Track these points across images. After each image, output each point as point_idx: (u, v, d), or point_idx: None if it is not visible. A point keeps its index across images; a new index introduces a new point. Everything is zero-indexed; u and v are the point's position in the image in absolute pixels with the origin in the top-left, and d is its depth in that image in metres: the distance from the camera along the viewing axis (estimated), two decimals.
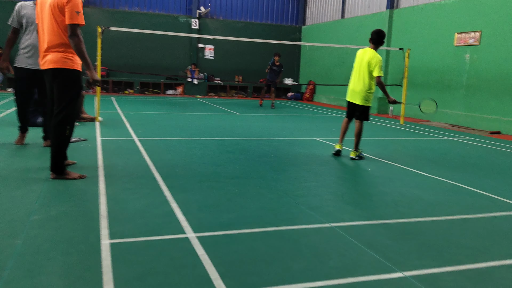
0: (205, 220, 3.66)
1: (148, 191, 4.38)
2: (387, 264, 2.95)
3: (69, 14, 4.43)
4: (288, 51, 21.49)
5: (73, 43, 4.46)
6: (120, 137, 7.55)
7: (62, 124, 4.58)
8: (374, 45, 6.55)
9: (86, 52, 4.55)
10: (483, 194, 4.90)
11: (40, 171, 4.97)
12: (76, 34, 4.46)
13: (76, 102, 4.76)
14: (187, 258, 2.89)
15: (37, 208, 3.73)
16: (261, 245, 3.18)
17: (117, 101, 14.98)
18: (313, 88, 20.45)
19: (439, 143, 8.84)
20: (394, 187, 5.10)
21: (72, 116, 4.69)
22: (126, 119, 10.02)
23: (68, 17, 4.43)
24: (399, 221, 3.87)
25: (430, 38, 13.58)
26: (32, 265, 2.69)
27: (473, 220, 4.00)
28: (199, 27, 20.14)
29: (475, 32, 11.96)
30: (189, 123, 10.06)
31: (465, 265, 3.00)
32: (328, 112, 14.81)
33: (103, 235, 3.21)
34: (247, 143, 7.57)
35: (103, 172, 5.07)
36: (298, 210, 4.05)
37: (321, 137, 8.65)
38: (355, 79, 6.64)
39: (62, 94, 4.58)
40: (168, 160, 5.92)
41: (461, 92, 12.43)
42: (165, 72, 19.61)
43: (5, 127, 8.07)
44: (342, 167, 6.03)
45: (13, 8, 6.18)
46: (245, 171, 5.49)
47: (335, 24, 19.01)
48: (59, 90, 4.58)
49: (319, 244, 3.25)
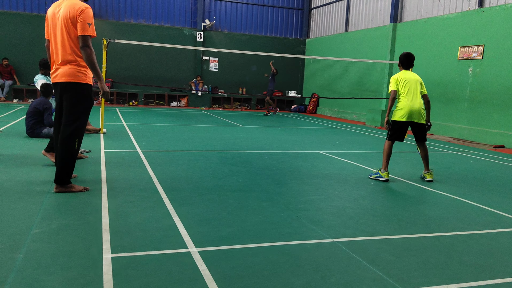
0: (206, 234, 3.64)
1: (150, 204, 4.38)
2: (390, 281, 2.93)
3: (81, 25, 4.49)
4: (292, 64, 21.60)
5: (85, 54, 4.51)
6: (123, 149, 7.57)
7: (71, 137, 4.60)
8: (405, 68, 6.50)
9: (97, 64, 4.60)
10: (487, 210, 4.87)
11: (43, 184, 4.98)
12: (88, 45, 4.51)
13: (87, 116, 4.79)
14: (188, 273, 2.88)
15: (39, 221, 3.73)
16: (261, 260, 3.17)
17: (122, 112, 15.04)
18: (317, 101, 20.48)
19: (443, 157, 8.81)
20: (397, 201, 5.08)
21: (82, 130, 4.72)
22: (130, 131, 10.05)
23: (80, 28, 4.49)
24: (402, 237, 3.85)
25: (434, 52, 13.61)
26: (33, 279, 2.68)
27: (476, 237, 3.97)
28: (204, 39, 20.28)
29: (478, 46, 11.99)
30: (193, 135, 10.08)
31: (468, 283, 2.97)
32: (331, 125, 14.81)
33: (105, 249, 3.20)
34: (249, 156, 7.57)
35: (106, 184, 5.08)
36: (299, 224, 4.04)
37: (325, 150, 8.64)
38: (415, 99, 6.23)
39: (73, 108, 4.61)
40: (170, 172, 5.92)
41: (465, 106, 12.42)
42: (170, 84, 19.71)
43: (10, 138, 8.11)
44: (344, 181, 6.01)
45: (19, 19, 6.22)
46: (247, 184, 5.49)
47: (339, 37, 19.10)
48: (70, 104, 4.61)
49: (321, 260, 3.23)
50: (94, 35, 4.59)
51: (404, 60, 6.49)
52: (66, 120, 4.61)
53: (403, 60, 6.50)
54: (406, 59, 6.48)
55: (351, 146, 9.55)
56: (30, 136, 8.38)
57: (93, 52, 4.57)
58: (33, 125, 8.36)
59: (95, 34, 4.60)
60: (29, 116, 8.41)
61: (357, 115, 17.36)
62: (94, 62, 4.55)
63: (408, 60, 6.46)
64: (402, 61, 6.52)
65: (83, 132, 4.76)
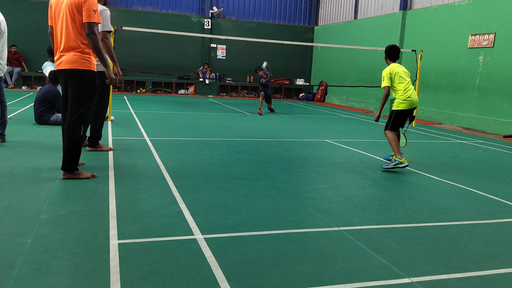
0: (213, 221, 3.67)
1: (157, 191, 4.41)
2: (394, 269, 2.94)
3: (86, 12, 4.50)
4: (300, 52, 21.47)
5: (91, 41, 4.53)
6: (131, 137, 7.61)
7: (77, 124, 4.63)
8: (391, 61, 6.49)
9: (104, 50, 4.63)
10: (494, 199, 4.85)
11: (51, 170, 5.03)
12: (94, 32, 4.54)
13: (92, 102, 4.81)
14: (194, 260, 2.90)
15: (47, 207, 3.77)
16: (267, 247, 3.19)
17: (129, 100, 15.08)
18: (325, 89, 20.39)
19: (451, 146, 8.76)
20: (403, 190, 5.07)
21: (87, 116, 4.74)
22: (137, 118, 10.09)
23: (85, 15, 4.51)
24: (408, 226, 3.85)
25: (443, 40, 13.46)
26: (41, 264, 2.73)
27: (482, 226, 3.96)
28: (212, 26, 20.20)
29: (489, 34, 11.83)
30: (200, 123, 10.10)
31: (473, 272, 2.97)
32: (339, 113, 14.76)
33: (112, 235, 3.24)
34: (256, 144, 7.57)
35: (114, 171, 5.12)
36: (306, 212, 4.05)
37: (332, 139, 8.62)
38: (413, 90, 6.38)
39: (78, 94, 4.63)
40: (178, 160, 5.95)
41: (474, 95, 12.30)
42: (177, 71, 19.70)
43: (19, 124, 8.17)
44: (351, 169, 6.00)
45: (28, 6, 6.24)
46: (254, 172, 5.50)
47: (347, 25, 18.94)
48: (75, 90, 4.63)
49: (326, 248, 3.24)
50: (99, 22, 4.63)
51: (391, 52, 6.45)
52: (71, 107, 4.64)
53: (390, 52, 6.46)
54: (392, 52, 6.45)
55: (359, 135, 9.52)
56: (38, 123, 8.44)
57: (99, 39, 4.62)
58: (41, 112, 8.41)
59: (100, 21, 4.64)
60: (37, 103, 8.47)
61: (365, 103, 17.27)
62: (100, 49, 4.59)
63: (395, 52, 6.44)
64: (388, 54, 6.47)
65: (89, 119, 4.79)
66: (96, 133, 6.18)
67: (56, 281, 2.53)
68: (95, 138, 6.21)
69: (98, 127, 6.19)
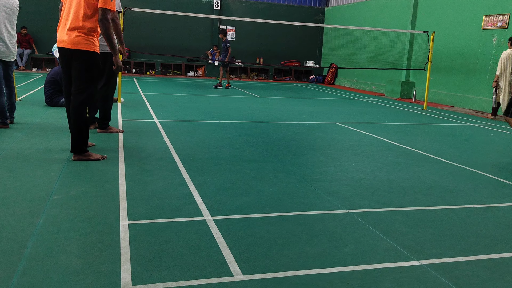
0: (222, 203, 3.68)
1: (167, 173, 4.43)
2: (404, 252, 2.93)
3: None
4: (310, 33, 21.23)
5: (103, 27, 4.54)
6: (141, 119, 7.62)
7: (82, 106, 4.64)
8: None
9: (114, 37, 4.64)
10: (504, 183, 4.81)
11: (62, 151, 5.06)
12: (107, 18, 4.54)
13: (97, 84, 4.82)
14: (203, 241, 2.92)
15: (58, 188, 3.80)
16: (276, 229, 3.19)
17: (139, 82, 15.08)
18: (335, 71, 20.21)
19: (462, 129, 8.67)
20: (413, 173, 5.04)
21: (93, 97, 4.76)
22: (147, 100, 10.10)
23: (101, 1, 4.51)
24: (417, 209, 3.83)
25: (456, 21, 13.22)
26: (52, 243, 2.76)
27: (492, 209, 3.93)
28: (221, 8, 20.02)
29: (504, 15, 11.60)
30: (209, 105, 10.09)
31: (483, 255, 2.95)
32: (350, 96, 14.64)
33: (122, 216, 3.26)
34: (266, 126, 7.55)
35: (123, 153, 5.14)
36: (315, 195, 4.05)
37: (342, 122, 8.57)
38: None
39: (82, 76, 4.63)
40: (187, 142, 5.96)
41: (487, 77, 12.11)
42: (187, 53, 19.61)
43: (29, 106, 8.22)
44: (361, 152, 5.97)
45: None
46: (263, 155, 5.50)
47: (359, 6, 18.66)
48: (79, 72, 4.63)
49: (335, 230, 3.25)
50: (114, 10, 4.68)
51: None
52: (76, 89, 4.64)
53: None
54: None
55: (369, 118, 9.46)
56: (48, 105, 8.48)
57: (111, 26, 4.64)
58: (51, 94, 8.45)
59: (114, 9, 4.66)
60: (47, 85, 8.50)
61: (376, 86, 17.10)
62: (111, 35, 4.61)
63: None
64: None
65: (93, 99, 4.82)
66: (105, 114, 6.20)
67: (67, 260, 2.56)
68: (104, 120, 6.23)
69: (108, 108, 6.20)
